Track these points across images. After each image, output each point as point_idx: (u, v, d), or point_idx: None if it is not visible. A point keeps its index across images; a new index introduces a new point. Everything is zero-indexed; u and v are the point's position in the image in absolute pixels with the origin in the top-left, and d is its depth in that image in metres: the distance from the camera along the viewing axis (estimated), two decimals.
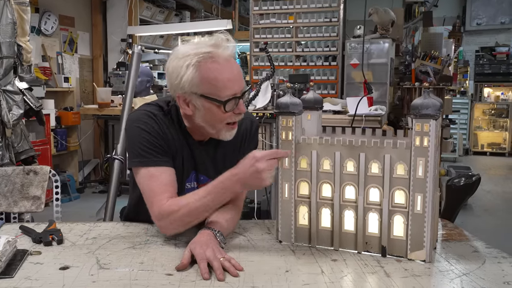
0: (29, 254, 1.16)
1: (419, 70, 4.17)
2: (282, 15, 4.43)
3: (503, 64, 8.43)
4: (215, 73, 1.23)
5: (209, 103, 1.25)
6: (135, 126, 1.33)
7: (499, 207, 4.95)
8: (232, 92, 1.24)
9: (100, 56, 5.80)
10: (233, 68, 1.26)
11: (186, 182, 1.41)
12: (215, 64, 1.23)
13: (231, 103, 1.25)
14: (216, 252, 1.10)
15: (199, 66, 1.23)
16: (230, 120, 1.29)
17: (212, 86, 1.23)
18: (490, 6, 8.69)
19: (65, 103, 5.16)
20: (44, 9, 5.00)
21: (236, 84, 1.25)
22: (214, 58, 1.24)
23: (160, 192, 1.27)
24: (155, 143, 1.30)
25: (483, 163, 7.64)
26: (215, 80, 1.23)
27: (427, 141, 1.10)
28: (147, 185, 1.29)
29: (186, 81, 1.24)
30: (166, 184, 1.29)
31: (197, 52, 1.24)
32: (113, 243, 1.26)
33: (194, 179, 1.42)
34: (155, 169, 1.29)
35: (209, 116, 1.27)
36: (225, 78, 1.24)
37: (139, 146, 1.31)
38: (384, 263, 1.12)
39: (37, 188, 1.85)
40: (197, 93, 1.25)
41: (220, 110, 1.25)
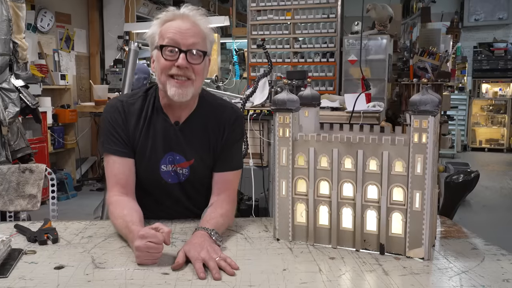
0: (23, 253, 1.15)
1: (417, 66, 4.15)
2: (279, 11, 4.40)
3: (501, 60, 8.42)
4: (166, 26, 1.34)
5: (157, 52, 1.34)
6: (104, 115, 1.45)
7: (497, 203, 4.95)
8: (172, 41, 1.31)
9: (97, 53, 5.77)
10: (183, 24, 1.33)
11: (161, 164, 1.43)
12: (172, 21, 1.35)
13: (171, 52, 1.31)
14: (211, 252, 1.09)
15: (162, 23, 1.36)
16: (169, 71, 1.33)
17: (161, 36, 1.34)
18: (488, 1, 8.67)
19: (62, 100, 5.13)
20: (40, 6, 4.96)
21: (180, 36, 1.31)
22: (174, 16, 1.35)
23: (111, 182, 1.40)
24: (113, 133, 1.41)
25: (481, 159, 7.65)
26: (164, 31, 1.34)
27: (425, 138, 1.08)
28: (105, 171, 1.43)
29: (149, 38, 1.38)
30: (117, 174, 1.39)
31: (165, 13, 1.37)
32: (109, 241, 1.25)
33: (170, 161, 1.43)
34: (110, 157, 1.41)
35: (156, 65, 1.36)
36: (170, 27, 1.33)
37: (103, 133, 1.43)
38: (383, 261, 1.11)
39: (33, 186, 1.83)
40: (153, 46, 1.37)
41: (161, 58, 1.33)
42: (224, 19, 4.93)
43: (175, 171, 1.44)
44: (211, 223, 1.25)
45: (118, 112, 1.42)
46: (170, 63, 1.32)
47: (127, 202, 1.35)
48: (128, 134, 1.41)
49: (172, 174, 1.44)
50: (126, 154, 1.41)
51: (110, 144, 1.40)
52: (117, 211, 1.30)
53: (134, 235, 1.13)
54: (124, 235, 1.24)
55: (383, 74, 4.12)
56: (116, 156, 1.40)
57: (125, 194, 1.38)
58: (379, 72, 4.12)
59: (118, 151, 1.40)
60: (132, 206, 1.34)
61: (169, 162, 1.43)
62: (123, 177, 1.39)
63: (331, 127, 1.28)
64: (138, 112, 1.42)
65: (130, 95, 1.48)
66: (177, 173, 1.44)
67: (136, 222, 1.23)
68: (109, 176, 1.41)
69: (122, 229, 1.25)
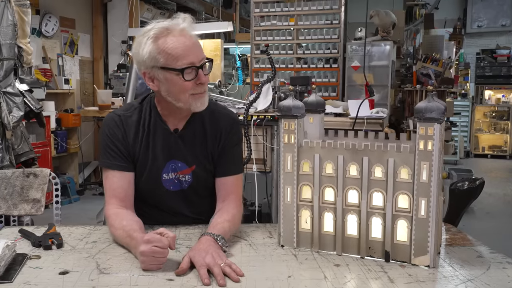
0: (28, 258, 1.15)
1: (420, 73, 4.15)
2: (283, 17, 4.41)
3: (504, 67, 8.41)
4: (170, 44, 1.30)
5: (169, 74, 1.31)
6: (102, 129, 1.46)
7: (500, 210, 4.93)
8: (188, 61, 1.30)
9: (101, 58, 5.80)
10: (187, 39, 1.32)
11: (163, 173, 1.43)
12: (170, 36, 1.31)
13: (190, 72, 1.31)
14: (216, 257, 1.09)
15: (156, 39, 1.31)
16: (193, 91, 1.33)
17: (168, 56, 1.30)
18: (491, 8, 8.68)
19: (66, 105, 5.15)
20: (44, 11, 4.99)
21: (192, 53, 1.31)
22: (169, 30, 1.32)
23: (109, 195, 1.39)
24: (112, 147, 1.40)
25: (484, 166, 7.62)
26: (170, 50, 1.30)
27: (431, 145, 1.08)
28: (104, 185, 1.43)
29: (146, 55, 1.32)
30: (114, 188, 1.39)
31: (154, 27, 1.33)
32: (113, 247, 1.25)
33: (172, 169, 1.44)
34: (109, 172, 1.41)
35: (171, 87, 1.33)
36: (180, 47, 1.30)
37: (102, 147, 1.43)
38: (388, 269, 1.11)
39: (37, 191, 1.83)
40: (157, 66, 1.32)
41: (180, 80, 1.31)
42: (227, 24, 4.95)
43: (178, 179, 1.44)
44: (217, 229, 1.24)
45: (116, 127, 1.42)
46: (191, 83, 1.32)
47: (125, 214, 1.34)
48: (128, 147, 1.41)
49: (175, 182, 1.44)
50: (125, 168, 1.40)
51: (109, 159, 1.40)
52: (116, 223, 1.30)
53: (137, 241, 1.13)
54: (126, 244, 1.23)
55: (386, 80, 4.13)
56: (115, 171, 1.40)
57: (124, 207, 1.37)
58: (382, 78, 4.12)
59: (117, 165, 1.40)
60: (131, 217, 1.33)
61: (171, 170, 1.43)
62: (122, 191, 1.39)
63: (335, 134, 1.28)
64: (136, 124, 1.42)
65: (126, 108, 1.48)
66: (180, 181, 1.44)
67: (137, 230, 1.23)
68: (108, 190, 1.40)
69: (123, 239, 1.24)
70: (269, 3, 4.42)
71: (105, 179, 1.42)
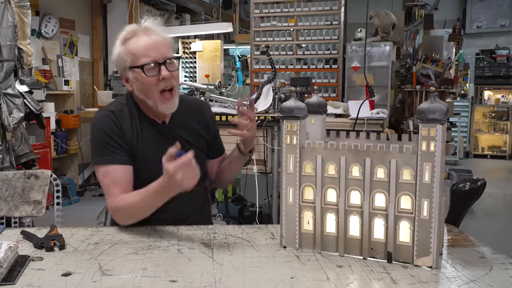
0: (30, 260, 1.14)
1: (420, 73, 4.15)
2: (282, 18, 4.42)
3: (503, 67, 8.43)
4: (133, 44, 1.39)
5: (135, 73, 1.39)
6: (95, 128, 1.46)
7: (500, 210, 4.94)
8: (150, 58, 1.37)
9: (101, 59, 5.80)
10: (150, 38, 1.39)
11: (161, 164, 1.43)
12: (135, 37, 1.40)
13: (151, 68, 1.37)
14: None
15: (124, 41, 1.41)
16: (159, 87, 1.39)
17: (133, 56, 1.39)
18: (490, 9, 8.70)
19: (65, 106, 5.15)
20: (44, 12, 4.99)
21: (154, 51, 1.38)
22: (134, 32, 1.41)
23: (112, 188, 1.40)
24: (110, 142, 1.42)
25: (483, 166, 7.63)
26: (133, 50, 1.38)
27: (433, 146, 1.08)
28: (103, 181, 1.42)
29: (117, 59, 1.42)
30: (118, 181, 1.40)
31: (124, 29, 1.43)
32: (116, 248, 1.24)
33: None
34: (110, 167, 1.41)
35: (140, 85, 1.41)
36: (141, 45, 1.38)
37: (97, 146, 1.44)
38: (390, 270, 1.11)
39: (38, 192, 1.83)
40: (126, 67, 1.41)
41: (143, 76, 1.38)
42: (227, 25, 4.96)
43: None
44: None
45: (111, 121, 1.44)
46: (155, 79, 1.38)
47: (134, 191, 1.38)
48: (126, 141, 1.44)
49: None
50: (127, 162, 1.43)
51: (109, 154, 1.41)
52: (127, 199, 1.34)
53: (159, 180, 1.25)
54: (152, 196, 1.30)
55: (386, 80, 4.13)
56: (117, 165, 1.41)
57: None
58: (382, 78, 4.12)
59: (119, 160, 1.41)
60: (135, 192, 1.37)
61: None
62: (127, 184, 1.41)
63: (337, 135, 1.28)
64: (128, 118, 1.47)
65: (114, 105, 1.51)
66: None
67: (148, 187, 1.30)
68: (109, 184, 1.40)
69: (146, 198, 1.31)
70: (268, 4, 4.43)
71: (105, 174, 1.41)
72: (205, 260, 1.16)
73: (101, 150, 1.42)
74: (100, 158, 1.42)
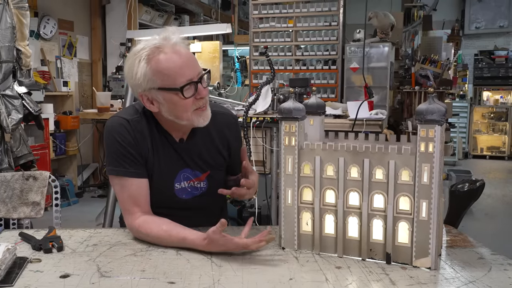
0: (29, 261, 1.14)
1: (419, 74, 4.16)
2: (281, 19, 4.42)
3: (502, 68, 8.44)
4: (164, 63, 1.25)
5: (168, 94, 1.27)
6: (110, 135, 1.36)
7: (499, 211, 4.94)
8: (186, 78, 1.26)
9: (99, 60, 5.79)
10: (181, 55, 1.27)
11: (175, 183, 1.41)
12: (163, 54, 1.26)
13: (189, 89, 1.27)
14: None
15: (149, 60, 1.26)
16: (194, 106, 1.30)
17: (165, 77, 1.25)
18: (489, 9, 8.71)
19: (64, 107, 5.14)
20: (43, 13, 4.99)
21: (188, 69, 1.27)
22: (161, 49, 1.27)
23: (131, 204, 1.33)
24: (126, 154, 1.33)
25: (482, 167, 7.64)
26: (166, 70, 1.25)
27: (432, 147, 1.08)
28: (119, 194, 1.37)
29: (140, 78, 1.27)
30: (135, 196, 1.33)
31: (145, 47, 1.28)
32: (114, 250, 1.24)
33: (184, 178, 1.42)
34: (125, 180, 1.34)
35: (173, 107, 1.29)
36: (175, 65, 1.26)
37: (112, 155, 1.35)
38: (389, 271, 1.11)
39: (37, 193, 1.83)
40: (154, 87, 1.27)
41: (180, 98, 1.27)
42: (226, 26, 4.96)
43: (192, 187, 1.43)
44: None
45: (126, 131, 1.34)
46: (191, 100, 1.28)
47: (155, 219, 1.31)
48: (141, 152, 1.35)
49: (189, 190, 1.43)
50: (141, 175, 1.35)
51: (124, 166, 1.33)
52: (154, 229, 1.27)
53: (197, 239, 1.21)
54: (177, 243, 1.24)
55: (385, 81, 4.13)
56: (132, 178, 1.33)
57: (148, 213, 1.34)
58: (381, 79, 4.13)
59: (134, 173, 1.33)
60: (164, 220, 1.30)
61: (183, 179, 1.41)
62: (143, 199, 1.34)
63: (336, 135, 1.28)
64: (144, 131, 1.36)
65: (131, 113, 1.39)
66: (194, 187, 1.43)
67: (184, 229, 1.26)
68: (126, 199, 1.34)
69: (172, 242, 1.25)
70: (267, 5, 4.43)
71: (121, 188, 1.34)
72: (203, 262, 1.16)
73: (116, 161, 1.33)
74: (115, 168, 1.34)
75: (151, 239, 1.28)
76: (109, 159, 1.36)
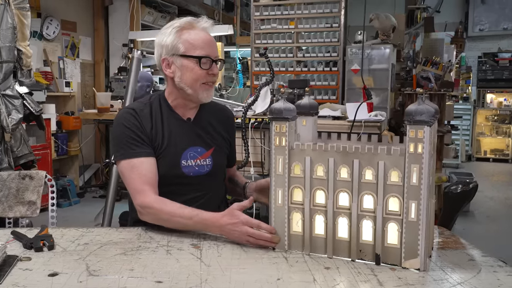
0: (19, 260, 1.15)
1: (420, 76, 4.15)
2: (283, 20, 4.42)
3: (506, 70, 8.40)
4: (193, 35, 1.46)
5: (187, 61, 1.45)
6: (118, 123, 1.48)
7: (501, 214, 4.91)
8: (206, 52, 1.45)
9: (102, 61, 5.82)
10: (207, 35, 1.48)
11: (182, 160, 1.50)
12: (193, 29, 1.47)
13: (206, 63, 1.45)
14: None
15: (180, 30, 1.46)
16: (205, 79, 1.46)
17: (190, 45, 1.44)
18: (493, 12, 8.68)
19: (66, 107, 5.17)
20: (46, 14, 5.02)
21: (210, 48, 1.46)
22: (192, 24, 1.47)
23: (142, 182, 1.40)
24: (134, 137, 1.44)
25: (485, 170, 7.60)
26: (192, 40, 1.45)
27: (421, 148, 1.08)
28: (129, 176, 1.42)
29: (168, 44, 1.45)
30: (146, 174, 1.41)
31: (180, 20, 1.49)
32: (105, 249, 1.25)
33: (191, 156, 1.51)
34: (136, 160, 1.43)
35: (187, 74, 1.45)
36: (201, 40, 1.45)
37: (121, 141, 1.45)
38: (378, 272, 1.11)
39: (33, 193, 1.84)
40: (177, 53, 1.45)
41: (196, 67, 1.44)
42: (228, 27, 4.96)
43: (198, 164, 1.52)
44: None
45: (133, 117, 1.47)
46: (205, 72, 1.45)
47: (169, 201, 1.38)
48: (148, 135, 1.47)
49: (196, 169, 1.52)
50: (151, 154, 1.45)
51: (133, 149, 1.43)
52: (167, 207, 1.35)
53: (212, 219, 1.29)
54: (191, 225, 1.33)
55: (386, 83, 4.12)
56: (142, 158, 1.43)
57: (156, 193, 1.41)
58: (382, 81, 4.12)
59: (144, 153, 1.43)
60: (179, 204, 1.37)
61: (190, 157, 1.51)
62: (153, 177, 1.43)
63: (328, 136, 1.28)
64: (149, 116, 1.49)
65: (137, 104, 1.54)
66: (200, 166, 1.53)
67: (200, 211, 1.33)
68: (135, 179, 1.40)
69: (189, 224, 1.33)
70: (269, 6, 4.43)
71: (131, 169, 1.42)
72: (193, 261, 1.16)
73: (124, 145, 1.44)
74: (124, 152, 1.43)
75: (164, 214, 1.35)
76: (118, 146, 1.45)
